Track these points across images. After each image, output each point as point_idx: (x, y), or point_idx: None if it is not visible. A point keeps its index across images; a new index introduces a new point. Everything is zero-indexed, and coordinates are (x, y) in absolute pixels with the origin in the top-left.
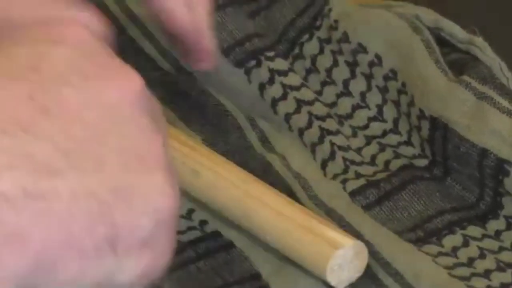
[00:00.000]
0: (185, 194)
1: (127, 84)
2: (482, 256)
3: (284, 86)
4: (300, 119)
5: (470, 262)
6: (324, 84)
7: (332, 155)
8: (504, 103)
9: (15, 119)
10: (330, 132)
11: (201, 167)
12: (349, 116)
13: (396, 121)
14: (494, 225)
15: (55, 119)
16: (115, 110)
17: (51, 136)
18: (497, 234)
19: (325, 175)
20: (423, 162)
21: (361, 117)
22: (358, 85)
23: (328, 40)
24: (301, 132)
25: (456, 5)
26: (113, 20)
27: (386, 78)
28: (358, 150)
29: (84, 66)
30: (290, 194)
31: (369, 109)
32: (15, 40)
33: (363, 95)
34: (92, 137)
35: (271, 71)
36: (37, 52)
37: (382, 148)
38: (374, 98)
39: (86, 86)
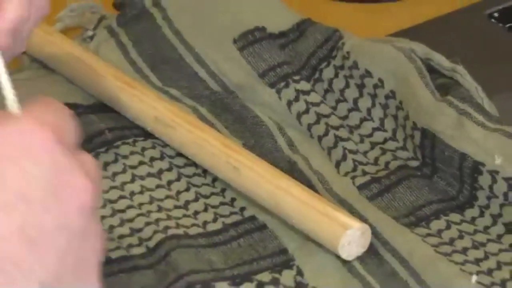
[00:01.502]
0: (228, 186)
1: (83, 199)
2: (460, 237)
3: (307, 102)
4: (319, 129)
5: (451, 241)
6: (338, 101)
7: (344, 157)
8: (479, 117)
9: (7, 254)
10: (342, 139)
11: (241, 165)
12: (358, 126)
13: (394, 131)
14: (470, 213)
15: (37, 249)
16: (74, 228)
17: (34, 270)
18: (473, 220)
19: (338, 172)
20: (415, 163)
21: (367, 127)
22: (365, 103)
23: (342, 67)
24: (320, 138)
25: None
26: (172, 50)
27: (387, 97)
28: (364, 153)
29: (55, 185)
30: (311, 187)
31: (373, 121)
32: None
33: (369, 110)
34: (59, 262)
35: (297, 91)
36: (21, 172)
37: (383, 152)
38: (378, 112)
39: (58, 210)
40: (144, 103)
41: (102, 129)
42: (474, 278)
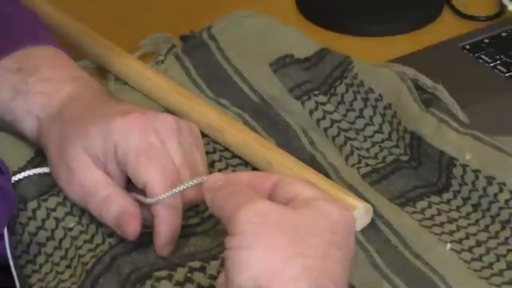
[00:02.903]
0: None
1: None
2: (439, 214)
3: (324, 112)
4: (333, 131)
5: (432, 217)
6: (348, 110)
7: (351, 152)
8: (454, 124)
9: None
10: (350, 139)
11: (273, 160)
12: (362, 129)
13: (390, 133)
14: (447, 196)
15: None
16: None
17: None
18: (448, 201)
19: (347, 164)
20: (405, 158)
21: (369, 130)
22: (368, 112)
23: (351, 85)
24: (333, 138)
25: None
26: (223, 71)
27: (385, 108)
28: (367, 150)
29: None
30: (327, 175)
31: (374, 126)
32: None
33: (371, 117)
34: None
35: (317, 102)
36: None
37: (381, 149)
38: (378, 119)
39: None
40: (200, 112)
41: None
42: (448, 245)
